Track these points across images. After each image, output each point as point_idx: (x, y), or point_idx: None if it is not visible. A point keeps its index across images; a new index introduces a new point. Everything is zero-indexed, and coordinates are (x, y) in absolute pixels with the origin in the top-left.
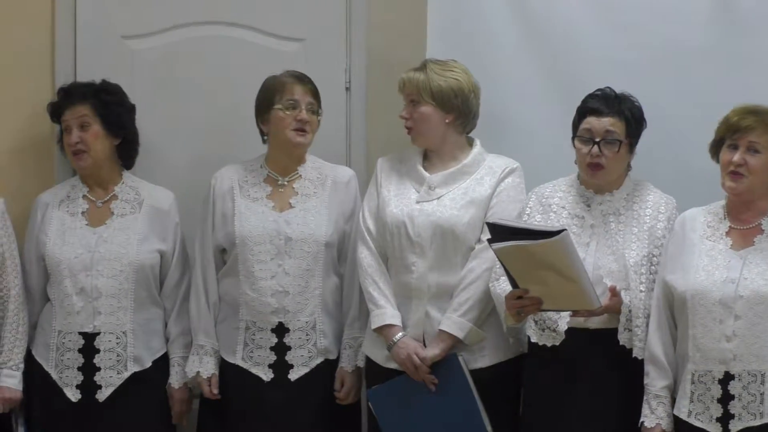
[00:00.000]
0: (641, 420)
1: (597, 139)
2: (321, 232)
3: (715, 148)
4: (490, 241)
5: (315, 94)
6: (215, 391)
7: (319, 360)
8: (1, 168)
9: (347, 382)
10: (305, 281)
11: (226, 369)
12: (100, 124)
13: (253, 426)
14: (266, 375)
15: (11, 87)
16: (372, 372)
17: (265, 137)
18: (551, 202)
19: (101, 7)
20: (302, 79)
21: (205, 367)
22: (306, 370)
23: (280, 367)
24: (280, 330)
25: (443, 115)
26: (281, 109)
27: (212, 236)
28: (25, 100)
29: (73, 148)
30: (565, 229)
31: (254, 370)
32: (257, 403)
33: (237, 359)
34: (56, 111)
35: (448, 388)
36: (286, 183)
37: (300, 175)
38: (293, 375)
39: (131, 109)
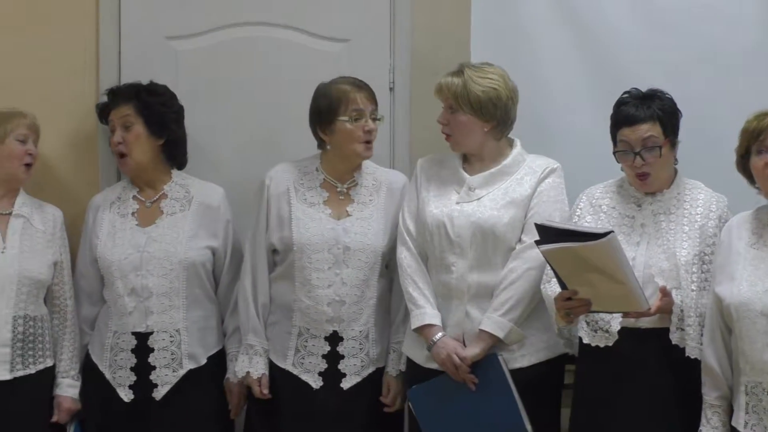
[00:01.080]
0: (699, 429)
1: (636, 150)
2: (379, 241)
3: (743, 164)
4: (537, 242)
5: (374, 99)
6: (265, 391)
7: (371, 369)
8: (47, 170)
9: (393, 387)
10: (361, 291)
11: (275, 372)
12: (142, 124)
13: None
14: (315, 382)
15: (57, 90)
16: (412, 372)
17: (325, 145)
18: (601, 203)
19: (146, 9)
20: (362, 86)
21: (255, 368)
22: (358, 379)
23: (332, 375)
24: (334, 338)
25: (482, 124)
26: (348, 121)
27: (265, 237)
28: (71, 103)
29: (116, 148)
30: (612, 231)
31: (304, 377)
32: (306, 409)
33: (287, 364)
34: (104, 112)
35: (487, 388)
36: (344, 190)
37: (356, 183)
38: (346, 384)
39: (177, 110)
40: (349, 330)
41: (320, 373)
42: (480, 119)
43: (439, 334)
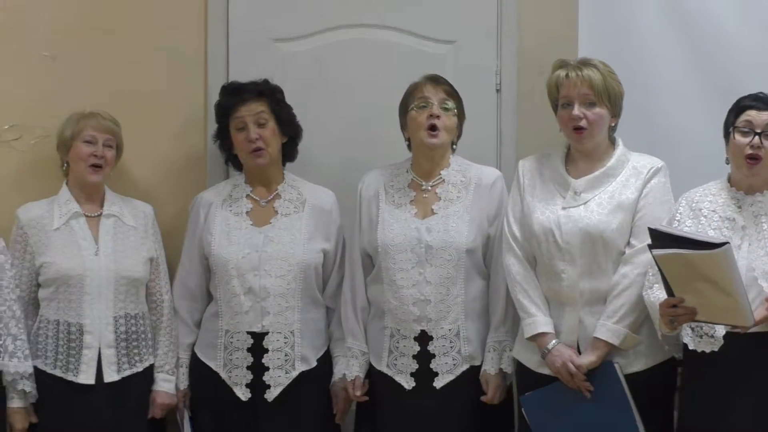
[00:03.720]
0: None
1: (758, 131)
2: (462, 239)
3: None
4: (650, 246)
5: (450, 93)
6: (358, 393)
7: (465, 367)
8: (155, 173)
9: (491, 383)
10: (446, 289)
11: (373, 375)
12: (274, 121)
13: None
14: (408, 383)
15: (165, 92)
16: (524, 377)
17: (408, 143)
18: (701, 207)
19: (253, 12)
20: (436, 79)
21: (350, 370)
22: (451, 377)
23: (424, 375)
24: (423, 338)
25: (610, 119)
26: (413, 109)
27: (359, 240)
28: (179, 105)
29: (254, 144)
30: (728, 243)
31: (398, 378)
32: (402, 411)
33: (383, 366)
34: (226, 109)
35: (603, 396)
36: (429, 188)
37: (443, 180)
38: (438, 383)
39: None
40: (438, 329)
41: (412, 374)
42: (610, 113)
43: (553, 342)
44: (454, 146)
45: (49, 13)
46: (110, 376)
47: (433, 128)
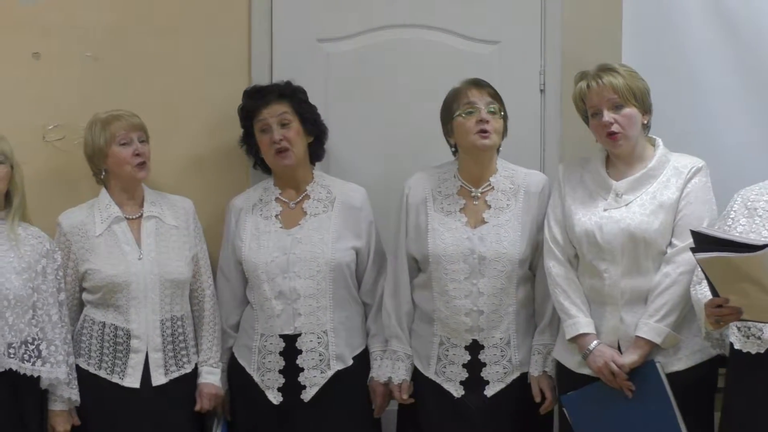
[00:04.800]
0: None
1: None
2: (515, 250)
3: None
4: (693, 249)
5: (494, 95)
6: (405, 396)
7: (515, 375)
8: (199, 174)
9: (543, 386)
10: (499, 299)
11: (420, 380)
12: (298, 121)
13: None
14: (457, 391)
15: (209, 92)
16: (564, 377)
17: (454, 149)
18: (757, 206)
19: (297, 12)
20: (478, 82)
21: (397, 373)
22: (502, 386)
23: (474, 383)
24: (474, 347)
25: (641, 117)
26: (461, 115)
27: (405, 245)
28: (223, 105)
29: (278, 146)
30: None
31: (446, 386)
32: (450, 418)
33: (430, 373)
34: (249, 113)
35: (644, 395)
36: (479, 195)
37: (492, 187)
38: (489, 391)
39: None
40: (490, 338)
41: (461, 382)
42: (640, 111)
43: (595, 342)
44: (499, 148)
45: (93, 14)
46: (158, 379)
47: (483, 131)
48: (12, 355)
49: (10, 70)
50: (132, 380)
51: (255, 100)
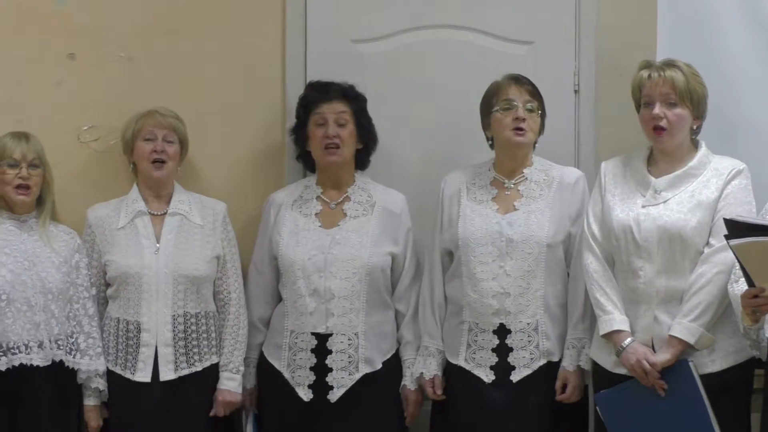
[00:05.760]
0: None
1: None
2: (543, 233)
3: None
4: (727, 237)
5: (533, 93)
6: (438, 391)
7: (542, 362)
8: (233, 172)
9: (570, 381)
10: (526, 282)
11: (450, 370)
12: (354, 125)
13: (476, 427)
14: (487, 377)
15: (244, 93)
16: (600, 377)
17: (490, 142)
18: None
19: (331, 13)
20: (518, 79)
21: (428, 369)
22: (528, 371)
23: (502, 368)
24: (502, 331)
25: (692, 121)
26: (498, 111)
27: (440, 238)
28: (257, 106)
29: (330, 141)
30: None
31: (476, 372)
32: (479, 404)
33: (460, 360)
34: (308, 104)
35: (677, 394)
36: (512, 185)
37: (526, 178)
38: (515, 377)
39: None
40: (516, 322)
41: (491, 367)
42: (692, 115)
43: (628, 340)
44: (536, 144)
45: (127, 14)
46: (166, 374)
47: (519, 129)
48: (60, 347)
49: (46, 71)
50: (143, 375)
51: (318, 92)
